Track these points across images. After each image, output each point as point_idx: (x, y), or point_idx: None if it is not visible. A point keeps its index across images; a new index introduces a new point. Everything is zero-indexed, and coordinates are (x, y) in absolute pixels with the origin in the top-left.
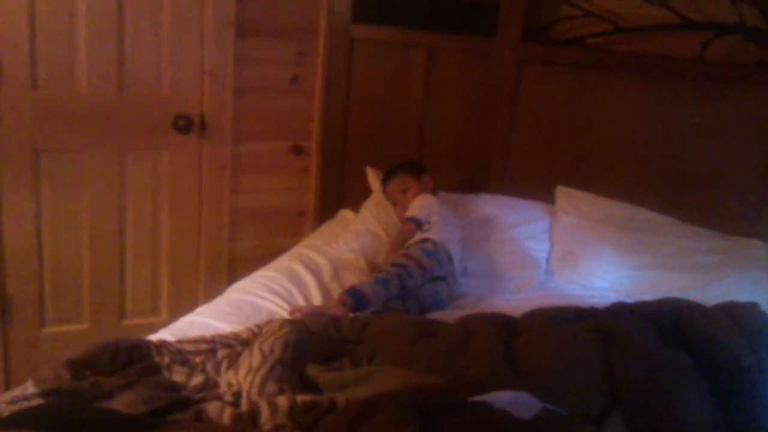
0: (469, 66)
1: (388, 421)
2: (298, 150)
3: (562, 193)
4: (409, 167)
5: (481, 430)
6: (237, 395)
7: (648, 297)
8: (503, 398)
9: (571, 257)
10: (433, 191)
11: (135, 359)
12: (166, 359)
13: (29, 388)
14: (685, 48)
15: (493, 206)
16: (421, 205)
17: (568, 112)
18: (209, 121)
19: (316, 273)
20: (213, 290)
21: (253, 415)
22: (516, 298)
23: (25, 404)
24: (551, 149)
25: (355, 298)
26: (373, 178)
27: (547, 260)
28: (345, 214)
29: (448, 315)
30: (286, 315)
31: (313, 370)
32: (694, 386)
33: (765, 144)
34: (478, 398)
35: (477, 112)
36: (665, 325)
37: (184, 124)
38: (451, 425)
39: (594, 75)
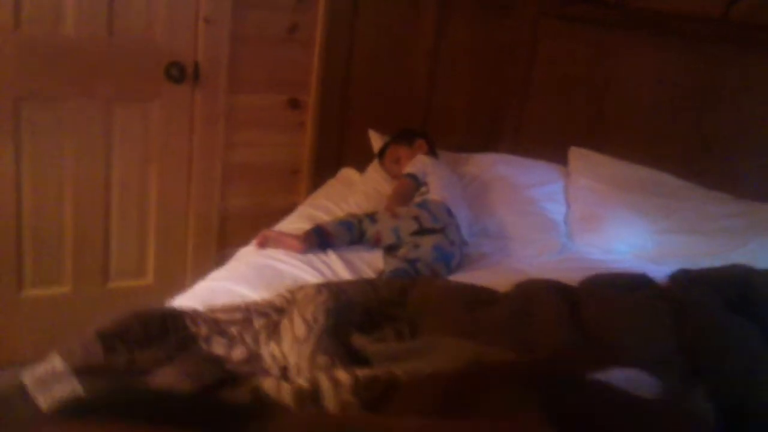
0: (483, 19)
1: (503, 400)
2: (294, 104)
3: (577, 154)
4: (399, 138)
5: (611, 412)
6: (284, 369)
7: (672, 262)
8: (619, 376)
9: (591, 220)
10: (429, 152)
11: (169, 330)
12: (204, 330)
13: (55, 362)
14: (710, 7)
15: (503, 166)
16: (415, 164)
17: (586, 70)
18: (203, 70)
19: None
20: (202, 251)
21: (314, 391)
22: (538, 262)
23: (58, 385)
24: (566, 109)
25: (320, 236)
26: (376, 142)
27: (565, 223)
28: (348, 173)
29: (477, 277)
30: (310, 279)
31: (360, 341)
32: None
33: None
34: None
35: (490, 69)
36: (731, 293)
37: (176, 73)
38: (576, 407)
39: (614, 33)
